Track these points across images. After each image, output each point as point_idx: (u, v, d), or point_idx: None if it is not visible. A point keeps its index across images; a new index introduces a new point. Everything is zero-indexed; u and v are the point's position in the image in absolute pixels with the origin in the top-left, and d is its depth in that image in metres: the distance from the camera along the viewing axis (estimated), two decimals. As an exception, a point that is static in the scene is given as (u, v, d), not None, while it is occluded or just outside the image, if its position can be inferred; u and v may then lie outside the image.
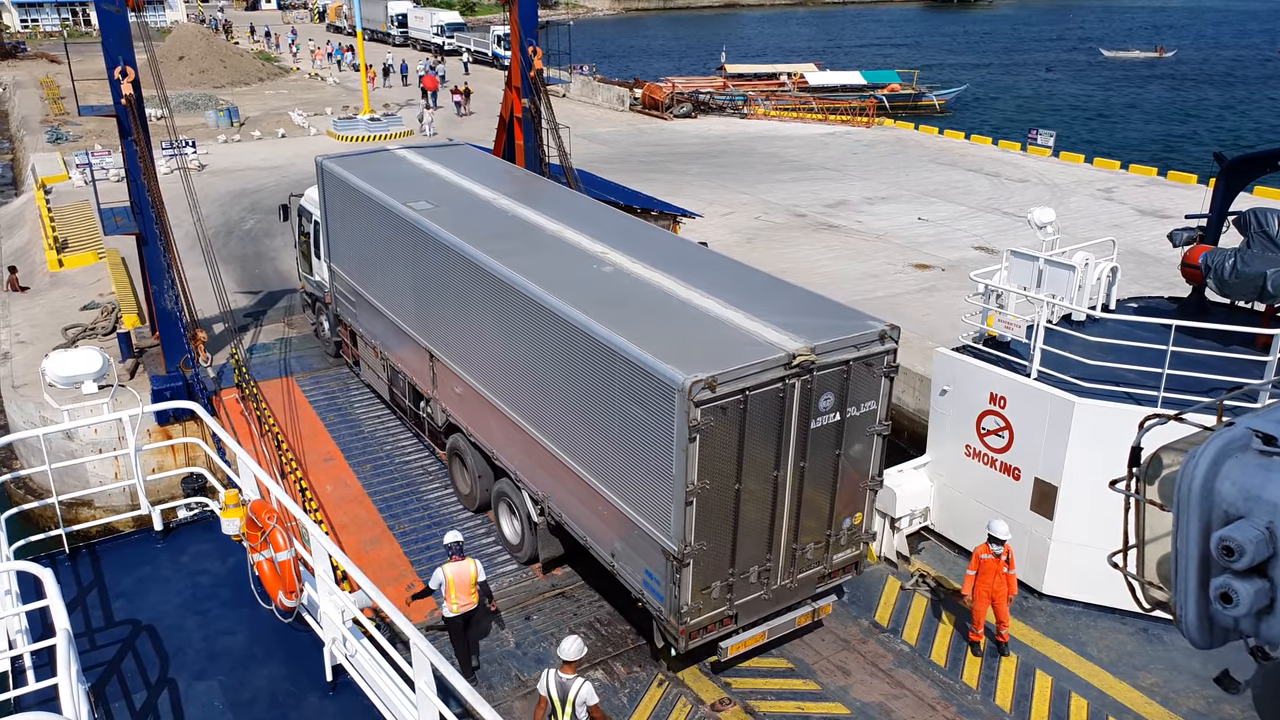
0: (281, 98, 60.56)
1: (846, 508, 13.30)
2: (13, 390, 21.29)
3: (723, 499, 11.87)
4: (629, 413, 12.04)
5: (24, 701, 7.54)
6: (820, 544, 13.23)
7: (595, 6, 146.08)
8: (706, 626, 12.59)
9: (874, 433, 13.15)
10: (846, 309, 13.57)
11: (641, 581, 12.68)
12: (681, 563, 11.79)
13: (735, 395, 11.41)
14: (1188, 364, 13.25)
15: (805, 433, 12.30)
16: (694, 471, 11.39)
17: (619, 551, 13.06)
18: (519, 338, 14.29)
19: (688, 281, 13.79)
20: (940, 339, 20.03)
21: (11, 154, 52.36)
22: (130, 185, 20.86)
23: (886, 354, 12.67)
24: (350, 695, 8.47)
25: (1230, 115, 63.91)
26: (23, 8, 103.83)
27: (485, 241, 15.55)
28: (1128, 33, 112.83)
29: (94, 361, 10.75)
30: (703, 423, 11.19)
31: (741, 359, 11.55)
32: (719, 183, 39.58)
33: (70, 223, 33.31)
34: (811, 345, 11.93)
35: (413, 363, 18.15)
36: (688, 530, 11.64)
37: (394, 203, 17.66)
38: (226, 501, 9.47)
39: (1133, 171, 41.22)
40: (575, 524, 13.92)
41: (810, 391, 12.06)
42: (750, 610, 12.89)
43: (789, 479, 12.41)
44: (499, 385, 15.18)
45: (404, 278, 17.75)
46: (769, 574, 12.83)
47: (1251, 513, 3.41)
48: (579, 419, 13.19)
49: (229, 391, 21.13)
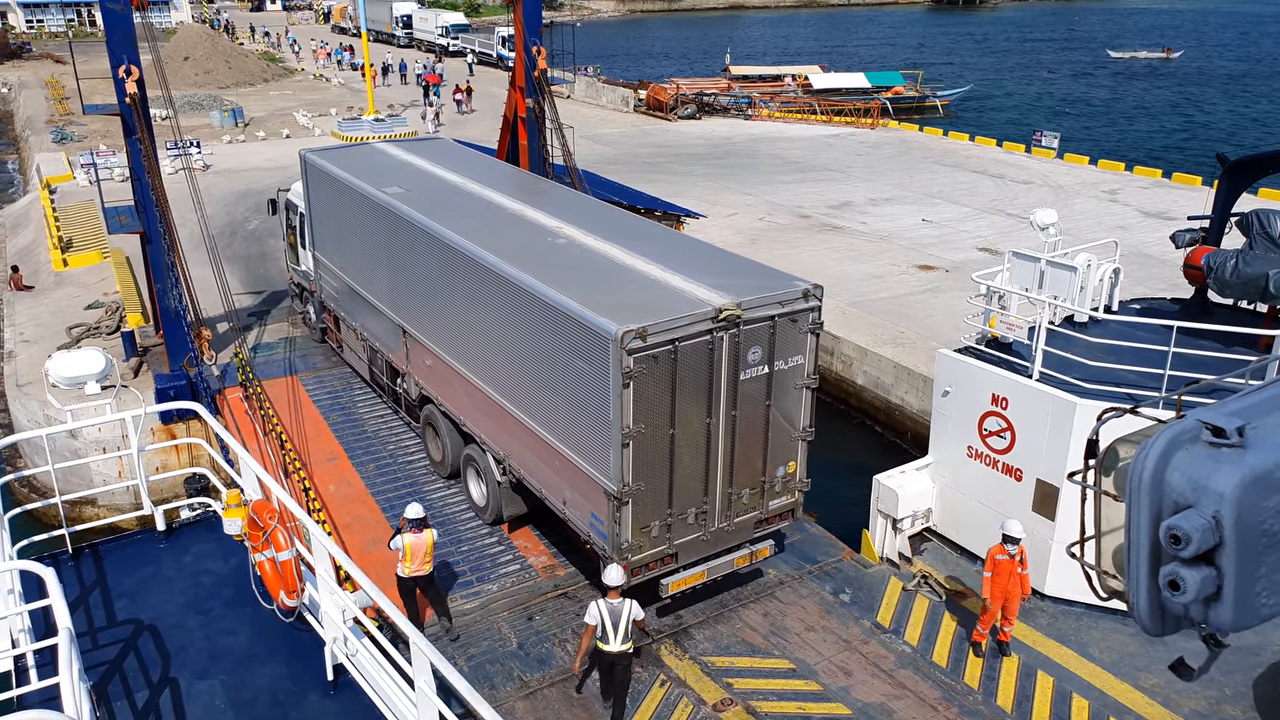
0: (286, 98, 60.69)
1: (779, 457, 14.32)
2: (17, 389, 21.36)
3: (658, 443, 12.88)
4: (572, 366, 13.14)
5: (26, 700, 7.57)
6: (756, 490, 14.24)
7: (600, 8, 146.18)
8: (648, 564, 13.55)
9: (802, 386, 14.20)
10: (776, 272, 14.75)
11: (589, 524, 13.71)
12: (621, 502, 12.83)
13: (666, 345, 12.47)
14: (1189, 365, 13.24)
15: (735, 384, 13.31)
16: (629, 416, 12.42)
17: (569, 499, 14.13)
18: (479, 306, 15.38)
19: (634, 251, 14.90)
20: (943, 340, 20.04)
21: (17, 154, 52.51)
22: (134, 184, 20.92)
23: (811, 311, 13.85)
24: (351, 694, 8.48)
25: (1237, 118, 63.78)
26: (28, 8, 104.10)
27: (450, 220, 16.67)
28: (1134, 34, 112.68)
29: (97, 362, 10.78)
30: (635, 370, 12.24)
31: (671, 312, 12.66)
32: (723, 184, 39.60)
33: (75, 222, 33.42)
34: (738, 301, 12.98)
35: (388, 340, 19.20)
36: (625, 471, 12.67)
37: (369, 189, 18.65)
38: (228, 501, 9.50)
39: (1137, 173, 41.18)
40: (532, 478, 15.02)
41: (739, 345, 13.11)
42: (690, 550, 13.86)
43: (721, 427, 13.39)
44: (463, 353, 16.28)
45: (379, 259, 18.78)
46: (706, 516, 13.82)
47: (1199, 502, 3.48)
48: (531, 377, 14.32)
49: (233, 391, 21.18)
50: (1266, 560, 3.50)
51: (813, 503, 17.94)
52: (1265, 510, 3.45)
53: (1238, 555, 3.45)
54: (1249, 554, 3.46)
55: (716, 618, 14.68)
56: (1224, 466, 3.46)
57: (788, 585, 15.44)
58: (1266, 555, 3.50)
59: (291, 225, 23.59)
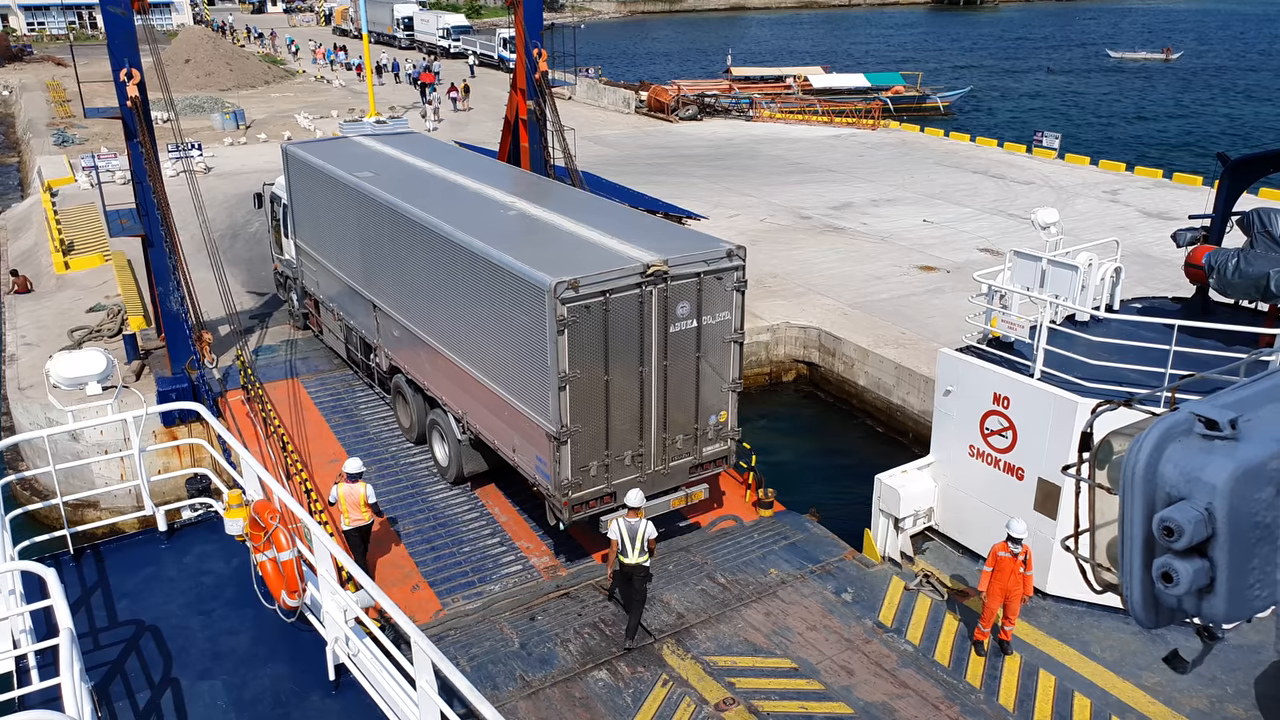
0: (288, 100, 60.75)
1: (711, 406, 15.56)
2: (19, 392, 21.37)
3: (593, 387, 14.15)
4: (516, 319, 14.42)
5: (28, 701, 7.57)
6: (689, 437, 15.48)
7: (601, 9, 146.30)
8: (588, 502, 14.78)
9: (730, 340, 15.36)
10: (704, 235, 16.49)
11: (534, 467, 14.90)
12: (560, 442, 14.06)
13: (598, 296, 13.74)
14: (1191, 364, 13.22)
15: (665, 335, 14.60)
16: (565, 361, 13.69)
17: (518, 446, 15.33)
18: (435, 272, 16.65)
19: (578, 219, 16.33)
20: (944, 341, 20.03)
21: (18, 157, 52.56)
22: (136, 188, 20.94)
23: (735, 270, 14.97)
24: (353, 694, 8.48)
25: (1237, 118, 63.75)
26: (29, 11, 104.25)
27: (412, 197, 17.98)
28: (1134, 35, 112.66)
29: (98, 363, 10.80)
30: (569, 318, 13.51)
31: (603, 266, 14.01)
32: (724, 185, 39.60)
33: (76, 225, 33.46)
34: (664, 258, 14.26)
35: (361, 317, 20.42)
36: (563, 413, 13.92)
37: (343, 174, 19.90)
38: (230, 502, 9.50)
39: (1138, 174, 41.17)
40: (486, 431, 16.27)
41: (668, 299, 14.41)
42: (627, 490, 14.59)
43: (654, 375, 14.69)
44: (423, 319, 17.57)
45: (352, 240, 19.95)
46: (642, 459, 15.10)
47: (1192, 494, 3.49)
48: (481, 334, 15.60)
49: (235, 393, 21.19)
50: (1259, 552, 3.51)
51: (815, 502, 18.01)
52: (1258, 502, 3.46)
53: (1230, 547, 3.46)
54: (1241, 546, 3.47)
55: (718, 617, 14.68)
56: (1216, 459, 3.47)
57: (790, 585, 15.44)
58: (1259, 547, 3.50)
59: (276, 217, 24.68)
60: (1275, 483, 3.44)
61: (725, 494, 17.92)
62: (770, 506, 17.41)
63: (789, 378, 25.93)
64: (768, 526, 17.03)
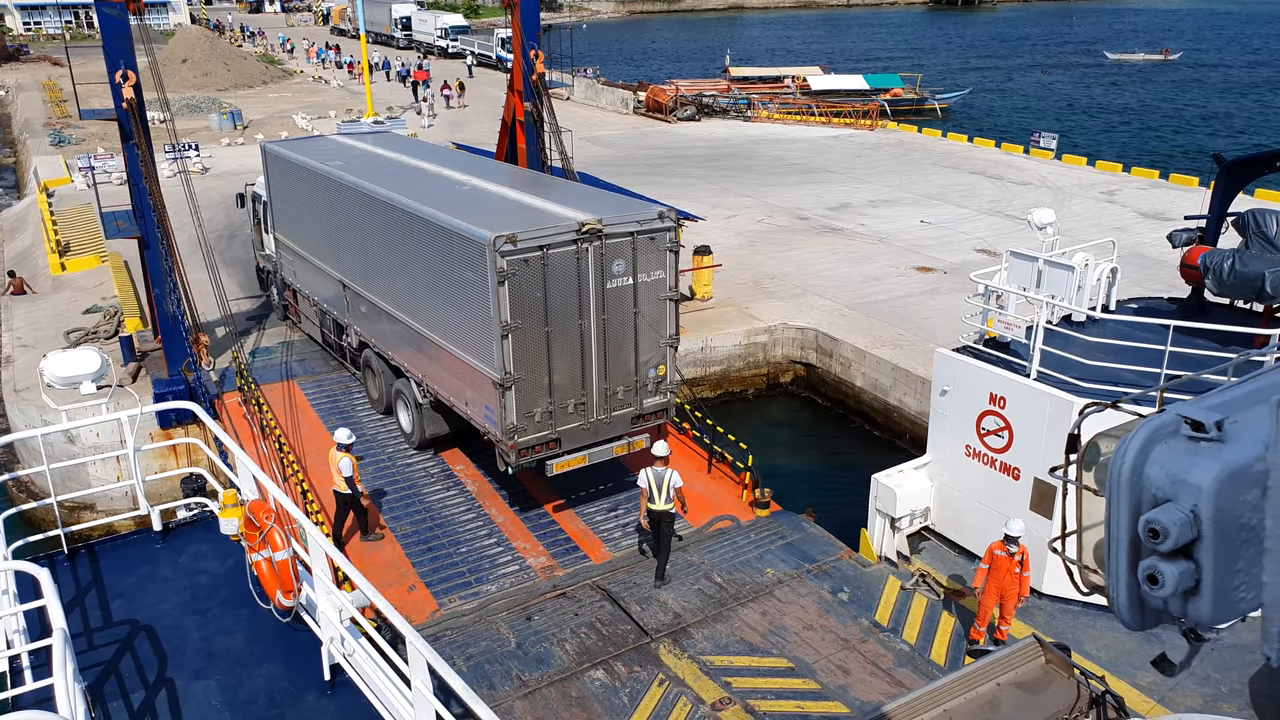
0: (285, 100, 60.73)
1: (650, 359, 16.53)
2: (14, 394, 21.34)
3: (535, 338, 15.15)
4: (462, 276, 15.42)
5: (21, 701, 7.56)
6: (630, 389, 16.46)
7: (599, 9, 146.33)
8: (534, 447, 15.74)
9: (665, 298, 16.34)
10: (639, 200, 18.05)
11: (484, 417, 15.86)
12: (505, 388, 15.08)
13: (535, 250, 14.76)
14: (1186, 364, 13.24)
15: (603, 291, 15.59)
16: (506, 311, 14.69)
17: (470, 399, 16.29)
18: (394, 244, 17.75)
19: (524, 190, 17.81)
20: (941, 342, 20.01)
21: (14, 157, 52.51)
22: (132, 189, 20.91)
23: (667, 231, 16.01)
24: (348, 694, 8.48)
25: (1235, 118, 63.82)
26: (25, 10, 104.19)
27: (375, 179, 19.11)
28: (1132, 35, 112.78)
29: (92, 362, 10.77)
30: (509, 270, 14.49)
31: (540, 224, 15.11)
32: (722, 186, 39.61)
33: (73, 226, 33.43)
34: (599, 218, 15.30)
35: (333, 299, 21.35)
36: (507, 361, 14.94)
37: (314, 164, 20.98)
38: (225, 501, 9.49)
39: (1135, 174, 41.20)
40: (443, 389, 17.25)
41: (603, 256, 15.41)
42: (572, 438, 16.08)
43: (593, 328, 15.68)
44: (386, 290, 18.59)
45: (323, 226, 20.99)
46: (585, 408, 16.08)
47: (1177, 496, 3.49)
48: (435, 296, 16.61)
49: (231, 395, 21.17)
50: (1244, 554, 3.51)
51: (811, 502, 18.01)
52: (1243, 504, 3.46)
53: (1215, 549, 3.46)
54: (1226, 547, 3.47)
55: (715, 617, 14.68)
56: (1202, 460, 3.47)
57: (786, 584, 15.44)
58: (1244, 549, 3.51)
59: (257, 215, 25.53)
60: (1261, 484, 3.44)
61: (722, 494, 17.93)
62: (767, 506, 17.41)
63: (786, 379, 25.93)
64: (764, 526, 17.03)
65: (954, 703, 8.18)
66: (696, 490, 17.77)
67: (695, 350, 24.65)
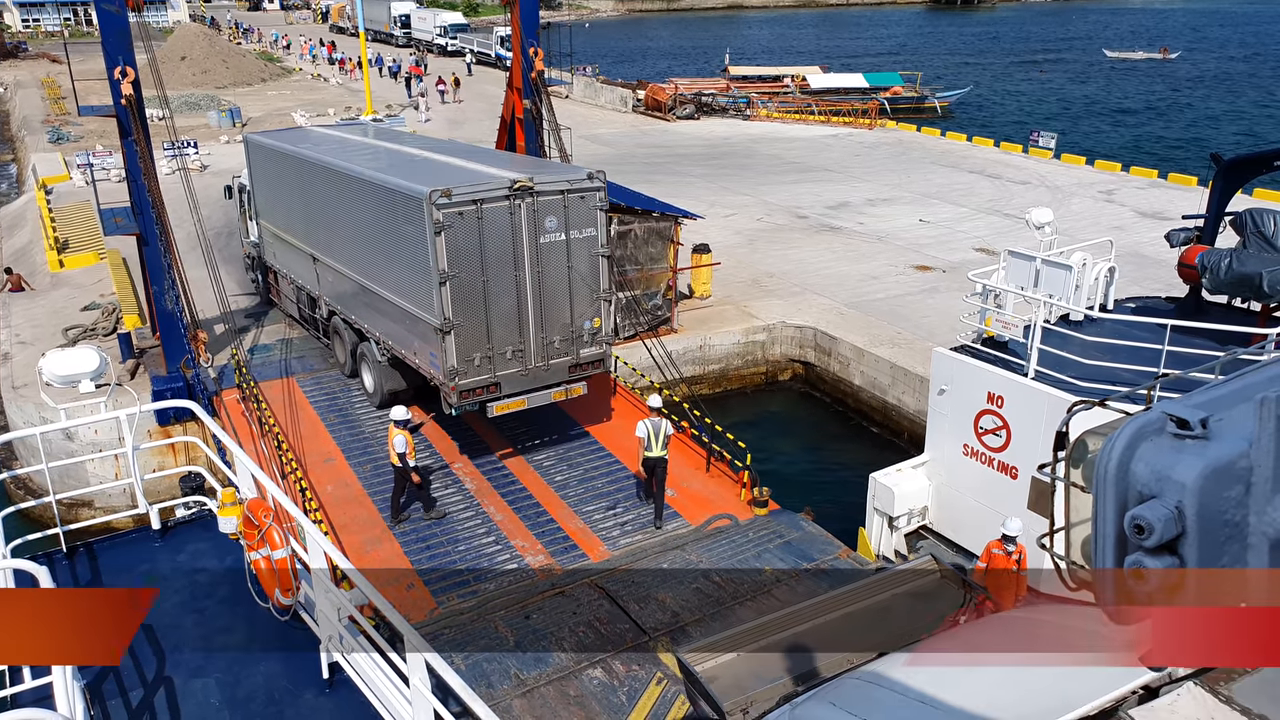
0: (284, 98, 60.68)
1: (584, 311, 17.66)
2: (13, 391, 21.34)
3: (472, 286, 16.33)
4: (406, 231, 16.69)
5: (19, 699, 7.57)
6: (567, 339, 17.60)
7: (599, 7, 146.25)
8: (475, 390, 16.92)
9: (597, 254, 17.52)
10: (574, 167, 19.16)
11: (430, 363, 17.12)
12: (444, 333, 16.28)
13: (470, 204, 15.96)
14: (1184, 363, 13.24)
15: (537, 245, 16.75)
16: (444, 260, 15.92)
17: (418, 348, 17.54)
18: (352, 210, 18.97)
19: (469, 158, 19.27)
20: (940, 340, 20.04)
21: (13, 154, 52.47)
22: (131, 186, 20.90)
23: (596, 190, 17.23)
24: (346, 692, 8.49)
25: (1234, 118, 63.84)
26: (24, 7, 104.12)
27: (337, 155, 20.36)
28: (1131, 34, 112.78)
29: (91, 360, 10.77)
30: (444, 221, 15.70)
31: (474, 182, 16.36)
32: (721, 184, 39.61)
33: (71, 223, 33.41)
34: (529, 176, 16.54)
35: (306, 273, 22.35)
36: (445, 307, 16.15)
37: (288, 148, 22.32)
38: (224, 500, 9.49)
39: (1134, 174, 41.22)
40: (396, 343, 18.53)
41: (536, 213, 16.61)
42: (511, 383, 17.30)
43: (529, 280, 16.85)
44: (347, 256, 19.79)
45: (296, 205, 22.08)
46: (523, 355, 17.26)
47: (1162, 493, 3.52)
48: (385, 254, 17.91)
49: (230, 392, 21.16)
50: (1228, 550, 3.54)
51: (810, 501, 18.00)
52: (1227, 500, 3.48)
53: (1199, 544, 3.49)
54: (1211, 543, 3.50)
55: (713, 615, 14.67)
56: (1187, 458, 3.50)
57: (784, 583, 15.43)
58: (1228, 545, 3.53)
59: (242, 204, 26.53)
60: (1245, 481, 3.47)
61: (720, 493, 17.94)
62: (765, 505, 17.40)
63: (785, 377, 25.95)
64: (763, 525, 17.02)
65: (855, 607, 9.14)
66: (694, 489, 17.79)
67: (694, 348, 24.67)
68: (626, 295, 23.58)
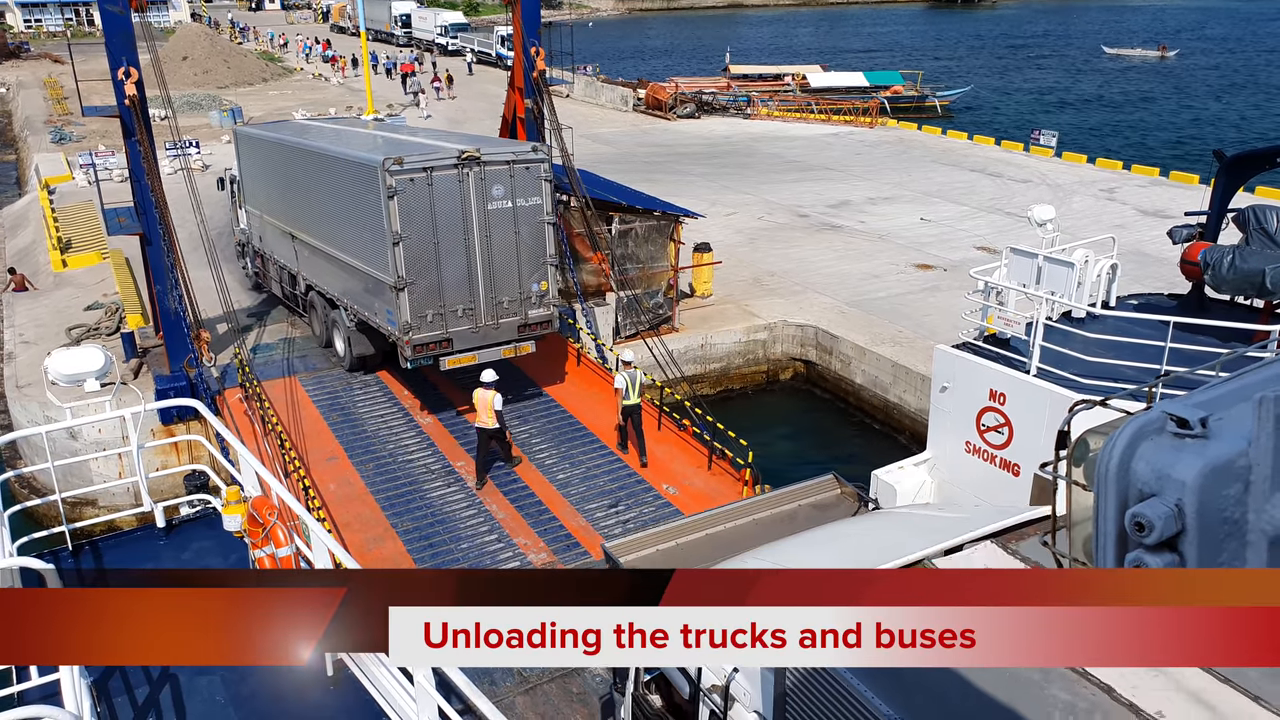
0: (285, 98, 60.71)
1: (531, 274, 19.12)
2: (17, 390, 21.38)
3: (424, 248, 17.82)
4: (364, 198, 18.20)
5: (27, 696, 7.60)
6: (515, 300, 19.04)
7: (599, 6, 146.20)
8: (428, 345, 18.35)
9: (543, 222, 18.96)
10: (519, 141, 21.45)
11: (387, 320, 18.59)
12: (399, 290, 17.72)
13: (421, 171, 17.48)
14: (1186, 360, 13.25)
15: (485, 211, 18.24)
16: (396, 223, 17.42)
17: (378, 309, 18.93)
18: (321, 185, 20.43)
19: (426, 136, 21.41)
20: (941, 338, 20.04)
21: (15, 154, 52.52)
22: (134, 186, 20.94)
23: (540, 162, 18.78)
24: (350, 689, 8.52)
25: (1234, 115, 63.81)
26: (26, 8, 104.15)
27: (310, 139, 21.91)
28: (1131, 32, 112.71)
29: (96, 359, 10.81)
30: (397, 187, 17.21)
31: (425, 152, 17.92)
32: (722, 183, 39.63)
33: (74, 223, 33.45)
34: (476, 147, 18.20)
35: (286, 252, 23.51)
36: (399, 266, 17.64)
37: (270, 136, 24.03)
38: (228, 498, 9.54)
39: (1135, 172, 41.21)
40: (360, 306, 19.94)
41: (484, 181, 18.11)
42: (462, 339, 18.75)
43: (478, 243, 18.35)
44: (318, 229, 21.11)
45: (278, 188, 23.41)
46: (474, 313, 18.71)
47: (1162, 491, 3.56)
48: (348, 223, 19.41)
49: (233, 391, 21.20)
50: (1227, 547, 3.58)
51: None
52: (1226, 498, 3.52)
53: (1199, 542, 3.53)
54: (1210, 540, 3.54)
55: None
56: (1186, 456, 3.54)
57: (786, 582, 15.45)
58: (1227, 542, 3.57)
59: (233, 194, 27.75)
60: (1244, 479, 3.50)
61: (722, 490, 17.96)
62: (767, 503, 17.43)
63: (786, 376, 25.97)
64: (765, 523, 17.05)
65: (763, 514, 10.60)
66: (697, 486, 17.83)
67: (695, 347, 24.70)
68: (628, 294, 23.61)
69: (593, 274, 24.35)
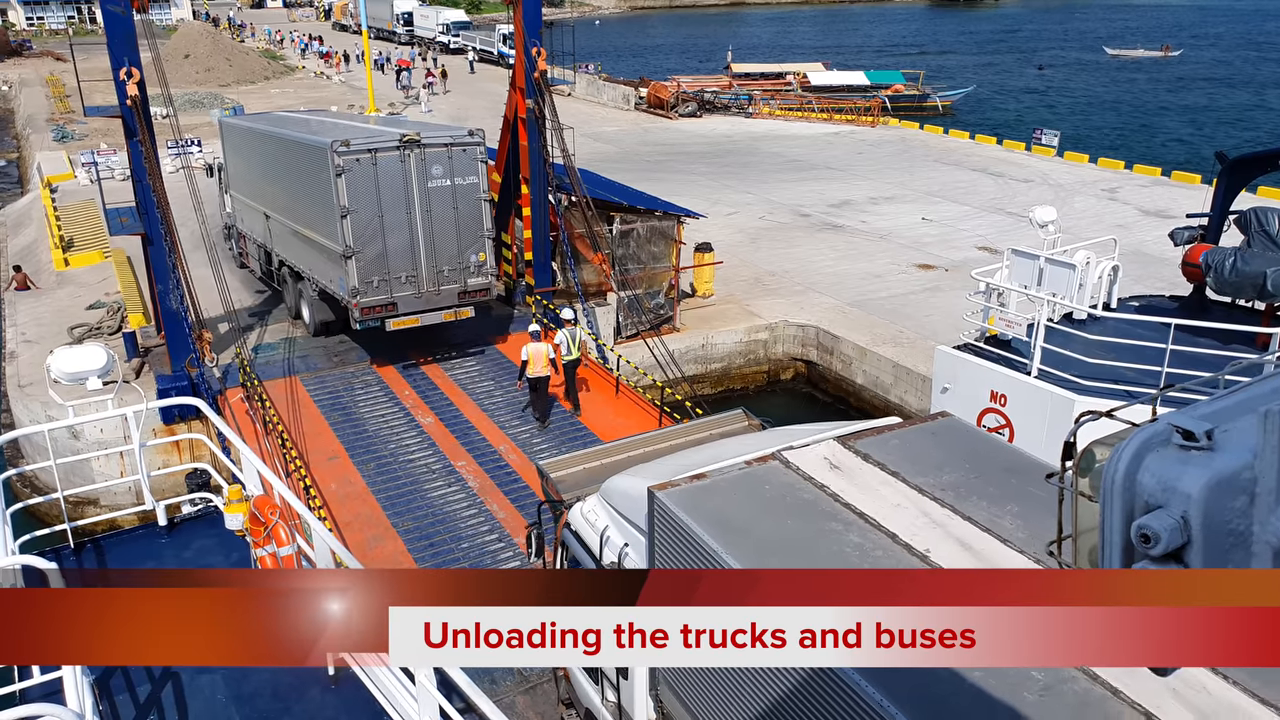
0: (287, 96, 60.72)
1: (470, 246, 21.00)
2: (19, 389, 21.40)
3: (369, 221, 19.83)
4: (317, 177, 20.13)
5: (28, 694, 7.62)
6: (454, 269, 20.91)
7: (601, 5, 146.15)
8: (375, 309, 20.27)
9: (478, 199, 20.96)
10: (458, 126, 22.49)
11: (339, 287, 20.40)
12: (347, 258, 19.74)
13: (366, 153, 19.60)
14: (1187, 362, 13.26)
15: (426, 189, 20.24)
16: (344, 198, 19.42)
17: (333, 277, 20.68)
18: (286, 167, 22.34)
19: (379, 124, 24.53)
20: (942, 339, 20.06)
21: (17, 152, 52.54)
22: (135, 186, 20.94)
23: (477, 145, 20.96)
24: (352, 689, 8.54)
25: (1237, 115, 63.77)
26: (28, 6, 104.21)
27: (280, 127, 24.15)
28: (1133, 32, 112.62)
29: (99, 358, 10.82)
30: (344, 166, 19.28)
31: (371, 136, 20.15)
32: (724, 182, 39.64)
33: (76, 222, 33.47)
34: (417, 132, 20.27)
35: (262, 231, 25.13)
36: (347, 236, 19.65)
37: (247, 124, 26.24)
38: (230, 497, 9.55)
39: (1137, 172, 41.20)
40: (319, 276, 21.66)
41: (424, 162, 20.14)
42: (406, 303, 20.64)
43: (419, 218, 20.33)
44: (284, 206, 22.90)
45: (255, 172, 25.09)
46: (416, 280, 20.57)
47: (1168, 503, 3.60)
48: (306, 200, 21.27)
49: (234, 391, 21.20)
50: (1233, 558, 3.62)
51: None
52: (1231, 511, 3.56)
53: (1204, 553, 3.57)
54: (1215, 552, 3.58)
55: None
56: (1192, 469, 3.59)
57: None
58: (1232, 554, 3.61)
59: (220, 181, 29.24)
60: (1249, 492, 3.54)
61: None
62: (768, 503, 17.44)
63: (787, 376, 25.98)
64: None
65: (678, 441, 11.75)
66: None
67: (696, 347, 24.71)
68: (629, 294, 23.62)
69: (594, 274, 24.36)
